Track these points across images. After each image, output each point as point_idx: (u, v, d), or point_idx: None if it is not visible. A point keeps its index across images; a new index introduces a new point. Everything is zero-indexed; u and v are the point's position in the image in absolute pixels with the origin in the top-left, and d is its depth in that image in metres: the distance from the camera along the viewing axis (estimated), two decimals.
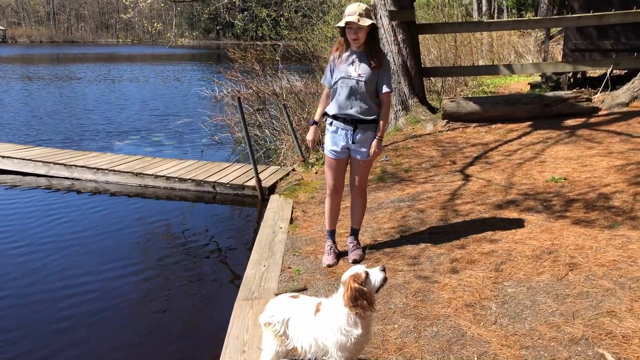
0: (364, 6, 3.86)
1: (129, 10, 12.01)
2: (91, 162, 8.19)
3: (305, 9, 12.44)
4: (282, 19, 11.14)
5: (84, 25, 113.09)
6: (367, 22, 3.78)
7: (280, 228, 5.33)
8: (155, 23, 12.88)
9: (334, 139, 4.09)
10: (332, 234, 4.38)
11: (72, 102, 18.10)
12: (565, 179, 5.44)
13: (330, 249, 4.32)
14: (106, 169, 7.92)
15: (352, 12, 3.81)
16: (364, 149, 4.03)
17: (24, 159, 8.29)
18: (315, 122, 4.25)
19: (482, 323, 3.10)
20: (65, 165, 8.09)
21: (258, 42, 10.77)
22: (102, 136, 11.87)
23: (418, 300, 3.47)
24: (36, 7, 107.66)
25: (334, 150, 4.11)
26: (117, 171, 7.88)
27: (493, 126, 7.73)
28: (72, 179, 8.03)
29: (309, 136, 4.30)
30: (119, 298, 4.64)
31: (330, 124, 4.11)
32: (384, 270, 2.58)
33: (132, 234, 6.15)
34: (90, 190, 7.70)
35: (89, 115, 15.01)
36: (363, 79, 3.89)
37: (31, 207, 7.02)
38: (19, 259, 5.37)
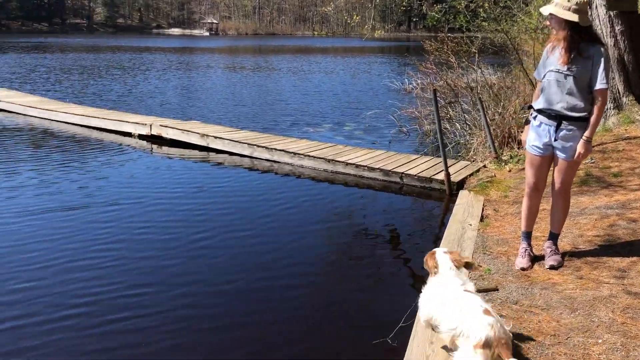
0: None
1: (330, 3, 12.51)
2: (289, 147, 8.76)
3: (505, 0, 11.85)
4: (481, 10, 10.74)
5: (284, 19, 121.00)
6: (564, 13, 3.54)
7: (470, 225, 5.20)
8: (355, 15, 13.26)
9: (537, 135, 3.87)
10: (527, 235, 4.16)
11: (271, 90, 19.49)
12: None
13: (525, 252, 4.11)
14: (302, 154, 8.41)
15: (553, 2, 3.61)
16: (568, 148, 3.75)
17: (232, 140, 9.14)
18: (528, 122, 4.04)
19: None
20: (266, 148, 8.75)
21: (449, 35, 10.52)
22: (297, 123, 12.61)
23: (627, 316, 3.15)
24: (244, 2, 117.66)
25: (536, 147, 3.89)
26: (312, 156, 8.32)
27: None
28: (272, 161, 8.66)
29: (523, 136, 4.10)
30: (298, 278, 4.84)
31: (535, 118, 3.90)
32: None
33: (320, 217, 6.45)
34: (287, 172, 8.24)
35: (285, 103, 16.05)
36: (572, 73, 3.62)
37: (236, 183, 7.73)
38: (224, 228, 5.94)
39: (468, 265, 3.10)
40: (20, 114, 12.44)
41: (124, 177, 7.81)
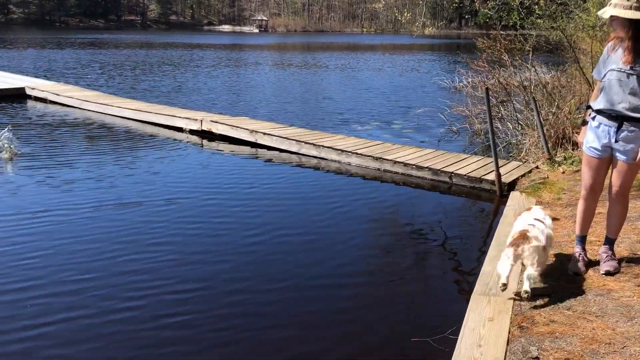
0: None
1: (382, 0, 12.43)
2: (337, 144, 8.77)
3: None
4: (536, 7, 10.45)
5: (333, 15, 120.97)
6: (625, 13, 3.41)
7: None
8: (405, 12, 13.15)
9: (596, 136, 3.76)
10: (582, 239, 4.04)
11: (319, 87, 19.55)
12: None
13: (579, 256, 3.99)
14: (349, 151, 8.40)
15: (611, 4, 3.50)
16: (629, 150, 3.62)
17: (280, 137, 9.22)
18: (585, 122, 3.92)
19: None
20: (314, 145, 8.79)
21: (502, 32, 10.28)
22: (345, 120, 12.61)
23: None
24: None
25: (594, 148, 3.78)
26: (359, 154, 8.30)
27: None
28: (319, 158, 8.69)
29: (580, 137, 3.99)
30: (344, 278, 4.83)
31: (594, 118, 3.79)
32: None
33: (367, 216, 6.44)
34: (334, 169, 8.25)
35: (333, 100, 16.06)
36: (636, 72, 3.49)
37: (284, 180, 7.80)
38: (271, 225, 6.01)
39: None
40: (77, 107, 12.89)
41: (177, 173, 7.96)
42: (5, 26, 79.00)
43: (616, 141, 3.65)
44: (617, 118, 3.62)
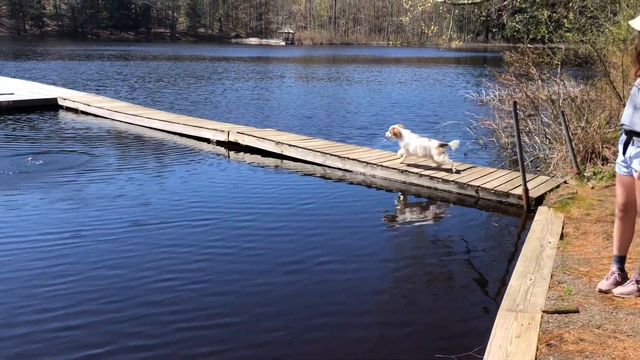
0: None
1: (408, 13, 12.46)
2: (362, 156, 8.77)
3: (592, 9, 11.38)
4: (565, 20, 10.36)
5: (359, 28, 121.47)
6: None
7: (549, 242, 5.02)
8: (432, 25, 13.13)
9: (621, 151, 3.71)
10: (618, 260, 3.85)
11: (344, 100, 19.59)
12: None
13: (612, 275, 3.88)
14: (375, 164, 8.39)
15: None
16: (637, 166, 3.54)
17: (305, 149, 9.26)
18: None
19: None
20: (339, 157, 8.80)
21: (529, 45, 10.19)
22: (370, 133, 12.60)
23: None
24: (321, 12, 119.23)
25: (619, 163, 3.72)
26: (385, 166, 8.28)
27: None
28: (344, 170, 8.69)
29: None
30: (367, 292, 4.80)
31: (621, 134, 3.74)
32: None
33: (391, 229, 6.42)
34: (359, 182, 8.24)
35: (358, 113, 16.07)
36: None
37: (309, 192, 7.82)
38: (294, 237, 6.02)
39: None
40: (107, 118, 13.14)
41: (206, 187, 7.90)
42: (40, 38, 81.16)
43: (631, 156, 3.59)
44: (630, 133, 3.57)
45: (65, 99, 14.83)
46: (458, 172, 7.88)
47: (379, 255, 5.60)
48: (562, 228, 5.44)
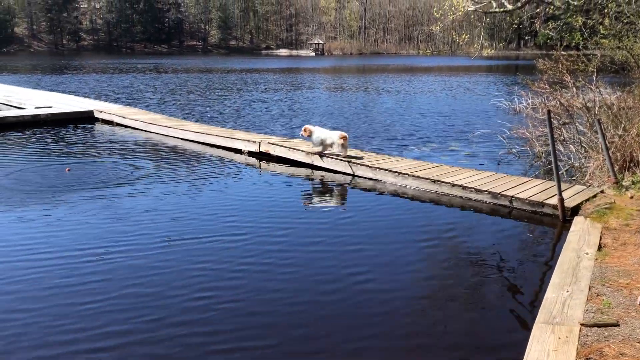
0: None
1: (439, 22, 12.41)
2: (393, 166, 8.73)
3: (629, 14, 11.15)
4: (600, 27, 10.18)
5: (389, 38, 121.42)
6: None
7: (586, 254, 4.91)
8: (463, 34, 13.05)
9: None
10: None
11: (374, 109, 19.57)
12: None
13: None
14: (406, 174, 8.34)
15: None
16: None
17: (336, 159, 9.27)
18: None
19: None
20: (369, 167, 8.78)
21: (563, 53, 10.03)
22: (401, 142, 12.55)
23: None
24: (350, 23, 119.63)
25: None
26: (416, 176, 8.23)
27: None
28: (375, 180, 8.67)
29: None
30: (398, 302, 4.76)
31: None
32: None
33: (424, 239, 6.35)
34: (390, 192, 8.20)
35: (388, 122, 16.02)
36: None
37: (339, 202, 7.84)
38: (325, 246, 6.02)
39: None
40: (142, 130, 13.39)
41: (238, 197, 7.93)
42: (77, 53, 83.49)
43: None
44: None
45: (101, 112, 15.18)
46: (349, 161, 9.08)
47: (409, 265, 5.56)
48: (600, 239, 5.32)
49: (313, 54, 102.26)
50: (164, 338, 4.13)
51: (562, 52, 10.03)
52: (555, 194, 6.77)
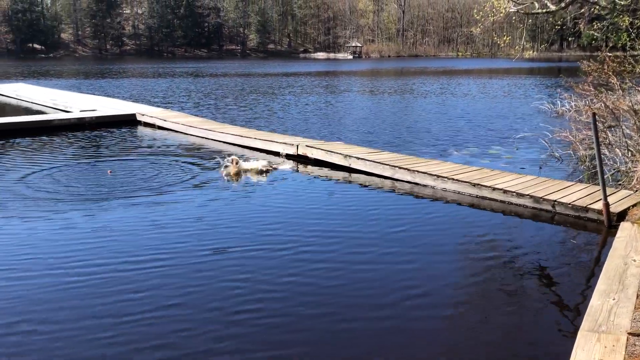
0: None
1: (479, 24, 12.26)
2: (432, 169, 8.65)
3: None
4: None
5: (427, 40, 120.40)
6: None
7: (634, 261, 4.77)
8: (504, 36, 12.85)
9: None
10: None
11: (413, 112, 19.45)
12: None
13: None
14: (445, 177, 8.26)
15: None
16: None
17: (374, 162, 9.24)
18: None
19: None
20: (408, 170, 8.72)
21: (608, 54, 9.75)
22: (440, 145, 12.43)
23: None
24: (389, 25, 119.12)
25: None
26: (456, 180, 8.13)
27: None
28: (413, 183, 8.60)
29: None
30: (436, 308, 4.70)
31: None
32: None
33: (463, 244, 6.27)
34: (429, 195, 8.13)
35: (427, 125, 15.89)
36: None
37: (378, 205, 7.79)
38: (363, 249, 6.01)
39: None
40: (183, 132, 13.64)
41: (279, 204, 7.80)
42: (119, 57, 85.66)
43: None
44: None
45: (143, 115, 15.53)
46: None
47: (448, 270, 5.50)
48: None
49: (350, 57, 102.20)
50: (202, 351, 4.00)
51: (608, 53, 9.76)
52: (600, 199, 6.60)
